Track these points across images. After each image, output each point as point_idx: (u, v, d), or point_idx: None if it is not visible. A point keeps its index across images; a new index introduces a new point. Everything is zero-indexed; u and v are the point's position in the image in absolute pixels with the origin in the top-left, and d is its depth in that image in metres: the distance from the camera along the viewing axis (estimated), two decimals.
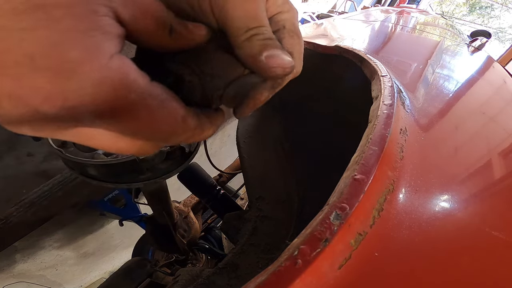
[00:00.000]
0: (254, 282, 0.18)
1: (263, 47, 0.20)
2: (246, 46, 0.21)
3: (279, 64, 0.21)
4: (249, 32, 0.20)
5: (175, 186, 1.04)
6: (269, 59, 0.20)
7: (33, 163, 1.28)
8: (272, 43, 0.21)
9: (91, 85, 0.13)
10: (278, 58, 0.21)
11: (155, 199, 0.67)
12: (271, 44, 0.21)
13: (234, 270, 0.43)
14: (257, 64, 0.21)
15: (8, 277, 1.44)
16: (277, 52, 0.21)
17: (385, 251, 0.23)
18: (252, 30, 0.21)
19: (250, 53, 0.20)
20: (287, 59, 0.21)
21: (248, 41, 0.20)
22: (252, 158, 0.65)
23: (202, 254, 1.13)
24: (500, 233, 0.28)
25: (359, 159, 0.27)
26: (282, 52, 0.21)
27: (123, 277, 0.71)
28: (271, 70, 0.21)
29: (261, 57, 0.20)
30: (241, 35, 0.21)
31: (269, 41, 0.21)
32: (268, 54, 0.20)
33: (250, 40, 0.20)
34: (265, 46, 0.21)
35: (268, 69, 0.20)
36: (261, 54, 0.20)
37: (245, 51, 0.21)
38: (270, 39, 0.21)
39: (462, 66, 0.84)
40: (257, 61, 0.20)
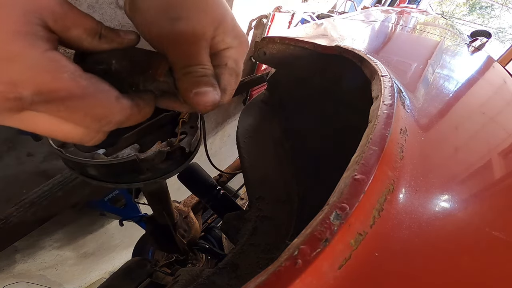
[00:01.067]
0: (254, 282, 0.18)
1: (195, 84, 0.24)
2: (181, 80, 0.25)
3: (203, 102, 0.24)
4: (186, 69, 0.25)
5: (175, 186, 1.04)
6: (197, 96, 0.24)
7: (33, 163, 1.28)
8: (204, 81, 0.25)
9: (29, 69, 0.17)
10: (205, 96, 0.24)
11: (155, 199, 0.67)
12: (203, 82, 0.25)
13: (234, 270, 0.43)
14: (186, 97, 0.25)
15: (8, 277, 1.44)
16: (206, 89, 0.24)
17: (385, 251, 0.23)
18: (189, 68, 0.25)
19: (183, 87, 0.25)
20: (212, 98, 0.25)
21: (184, 76, 0.25)
22: (252, 158, 0.65)
23: (202, 254, 1.13)
24: (500, 233, 0.28)
25: (359, 159, 0.27)
26: (211, 90, 0.25)
27: (123, 277, 0.71)
28: (196, 105, 0.25)
29: (190, 93, 0.24)
30: (179, 70, 0.25)
31: (203, 79, 0.25)
32: (197, 91, 0.24)
33: (186, 75, 0.24)
34: (197, 84, 0.24)
35: (193, 104, 0.25)
36: (191, 91, 0.24)
37: (180, 84, 0.25)
38: (205, 76, 0.25)
39: (462, 66, 0.84)
40: (186, 96, 0.25)
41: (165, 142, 0.37)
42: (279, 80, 0.80)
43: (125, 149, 0.36)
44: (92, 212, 1.62)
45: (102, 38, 0.23)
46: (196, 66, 0.25)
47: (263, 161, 0.66)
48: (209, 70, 0.25)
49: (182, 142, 0.38)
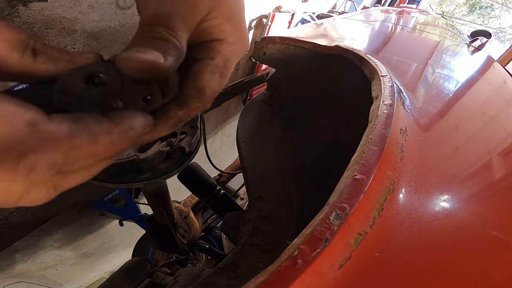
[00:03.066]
0: (254, 282, 0.18)
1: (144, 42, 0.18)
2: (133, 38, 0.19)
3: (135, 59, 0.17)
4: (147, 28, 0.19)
5: (175, 186, 1.04)
6: (135, 52, 0.18)
7: None
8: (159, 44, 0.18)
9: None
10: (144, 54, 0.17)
11: (155, 199, 0.67)
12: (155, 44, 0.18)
13: (234, 270, 0.43)
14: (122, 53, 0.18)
15: (8, 277, 1.44)
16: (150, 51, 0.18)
17: (385, 251, 0.23)
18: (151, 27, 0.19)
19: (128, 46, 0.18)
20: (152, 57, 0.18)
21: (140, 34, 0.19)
22: (252, 158, 0.65)
23: (202, 254, 1.13)
24: (500, 233, 0.28)
25: (359, 159, 0.27)
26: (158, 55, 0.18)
27: (123, 277, 0.71)
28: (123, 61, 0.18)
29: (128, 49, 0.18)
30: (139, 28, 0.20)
31: (157, 41, 0.19)
32: (139, 49, 0.18)
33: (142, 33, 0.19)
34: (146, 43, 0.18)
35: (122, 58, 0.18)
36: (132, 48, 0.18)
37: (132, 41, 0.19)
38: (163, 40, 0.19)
39: (462, 66, 0.84)
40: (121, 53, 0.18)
41: (165, 142, 0.37)
42: (279, 80, 0.80)
43: None
44: (92, 212, 1.61)
45: (39, 56, 0.17)
46: (160, 27, 0.19)
47: (263, 161, 0.66)
48: (176, 41, 0.19)
49: (182, 142, 0.38)
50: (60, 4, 0.89)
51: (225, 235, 1.07)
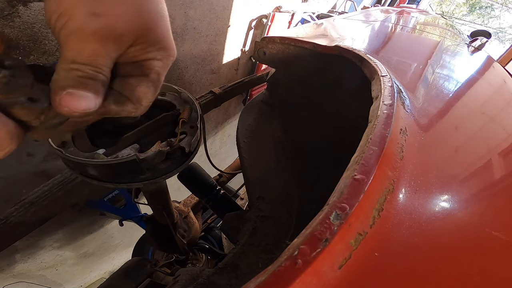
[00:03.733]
0: (254, 282, 0.18)
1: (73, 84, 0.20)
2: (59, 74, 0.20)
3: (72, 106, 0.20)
4: (73, 65, 0.20)
5: (175, 186, 1.03)
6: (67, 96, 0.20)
7: (33, 163, 1.28)
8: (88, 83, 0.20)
9: None
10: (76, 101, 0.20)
11: (155, 199, 0.67)
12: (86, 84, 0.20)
13: (234, 270, 0.43)
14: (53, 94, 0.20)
15: (8, 277, 1.44)
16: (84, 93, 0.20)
17: (385, 251, 0.23)
18: (76, 64, 0.20)
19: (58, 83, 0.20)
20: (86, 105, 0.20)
21: (66, 71, 0.20)
22: (252, 158, 0.65)
23: (202, 254, 1.13)
24: (500, 233, 0.28)
25: (359, 159, 0.27)
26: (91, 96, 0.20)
27: (123, 277, 0.71)
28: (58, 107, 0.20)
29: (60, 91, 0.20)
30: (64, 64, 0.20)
31: (87, 81, 0.20)
32: (71, 91, 0.20)
33: (69, 71, 0.20)
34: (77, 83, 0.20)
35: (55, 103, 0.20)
36: (64, 89, 0.20)
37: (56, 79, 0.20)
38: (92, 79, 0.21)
39: (462, 66, 0.84)
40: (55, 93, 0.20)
41: (165, 142, 0.37)
42: (279, 80, 0.80)
43: (125, 149, 0.36)
44: (92, 212, 1.62)
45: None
46: (86, 66, 0.20)
47: (263, 161, 0.66)
48: (103, 76, 0.21)
49: (182, 142, 0.38)
50: None
51: (225, 235, 1.07)
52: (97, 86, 0.21)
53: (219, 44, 1.99)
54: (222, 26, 1.91)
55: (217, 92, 1.02)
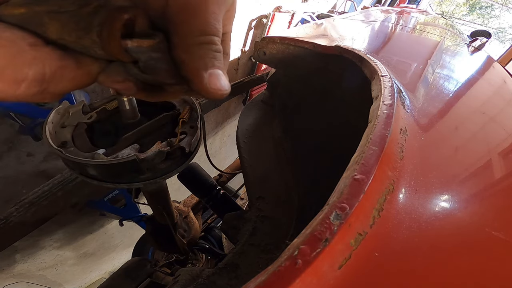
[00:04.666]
0: (254, 282, 0.18)
1: (211, 62, 0.18)
2: (194, 53, 0.18)
3: (219, 87, 0.18)
4: (203, 38, 0.18)
5: (175, 186, 1.03)
6: (213, 78, 0.18)
7: (33, 163, 1.28)
8: (220, 60, 0.19)
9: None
10: (220, 81, 0.18)
11: (155, 199, 0.67)
12: (219, 61, 0.19)
13: (234, 270, 0.43)
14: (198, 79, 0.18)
15: (8, 277, 1.44)
16: (220, 73, 0.19)
17: (385, 251, 0.23)
18: (206, 36, 0.18)
19: (195, 63, 0.18)
20: (227, 84, 0.19)
21: (198, 47, 0.18)
22: (252, 158, 0.65)
23: (202, 254, 1.13)
24: (500, 233, 0.28)
25: (359, 159, 0.27)
26: (224, 75, 0.19)
27: (123, 277, 0.71)
28: (210, 91, 0.18)
29: (205, 73, 0.18)
30: (192, 37, 0.18)
31: (218, 56, 0.19)
32: (212, 72, 0.18)
33: (201, 47, 0.18)
34: (212, 62, 0.18)
35: (207, 88, 0.18)
36: (206, 70, 0.18)
37: (191, 58, 0.18)
38: (220, 52, 0.19)
39: (462, 66, 0.84)
40: (200, 76, 0.18)
41: (165, 142, 0.37)
42: (279, 80, 0.80)
43: (125, 149, 0.36)
44: (92, 212, 1.62)
45: None
46: (214, 38, 0.18)
47: (263, 161, 0.66)
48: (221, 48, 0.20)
49: (182, 142, 0.38)
50: None
51: (225, 235, 1.07)
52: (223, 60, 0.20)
53: None
54: None
55: None
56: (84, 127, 0.38)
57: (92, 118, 0.40)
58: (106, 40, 0.16)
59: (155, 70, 0.18)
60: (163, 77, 0.19)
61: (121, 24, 0.16)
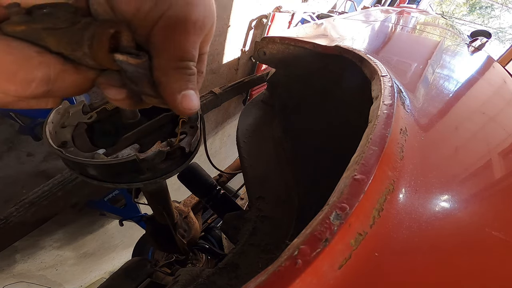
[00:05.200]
0: (254, 282, 0.18)
1: (184, 85, 0.21)
2: (171, 76, 0.21)
3: (189, 107, 0.21)
4: (179, 64, 0.21)
5: (175, 186, 1.04)
6: (185, 99, 0.21)
7: (33, 163, 1.28)
8: (193, 82, 0.21)
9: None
10: (191, 101, 0.21)
11: (155, 199, 0.67)
12: (192, 83, 0.21)
13: (234, 270, 0.43)
14: (172, 98, 0.21)
15: (8, 277, 1.44)
16: (192, 93, 0.21)
17: (385, 251, 0.23)
18: (182, 62, 0.21)
19: (171, 86, 0.21)
20: (197, 104, 0.22)
21: (175, 72, 0.21)
22: (252, 158, 0.65)
23: (202, 254, 1.13)
24: (500, 233, 0.28)
25: (359, 159, 0.27)
26: (196, 94, 0.22)
27: (123, 277, 0.71)
28: (181, 109, 0.21)
29: (178, 95, 0.21)
30: (171, 62, 0.21)
31: (192, 78, 0.21)
32: (185, 93, 0.21)
33: (177, 71, 0.21)
34: (186, 84, 0.21)
35: (179, 107, 0.21)
36: (180, 92, 0.21)
37: (168, 81, 0.21)
38: (193, 75, 0.21)
39: (462, 66, 0.84)
40: (174, 96, 0.21)
41: (165, 142, 0.37)
42: (279, 80, 0.80)
43: (125, 149, 0.36)
44: (92, 212, 1.62)
45: None
46: (190, 62, 0.21)
47: (263, 161, 0.66)
48: (195, 71, 0.22)
49: (182, 142, 0.38)
50: None
51: (225, 235, 1.07)
52: (196, 83, 0.22)
53: (219, 44, 1.99)
54: (222, 26, 1.91)
55: (217, 92, 1.02)
56: (84, 127, 0.38)
57: (92, 118, 0.40)
58: (96, 51, 0.19)
59: (139, 82, 0.21)
60: (145, 89, 0.22)
61: (108, 37, 0.19)
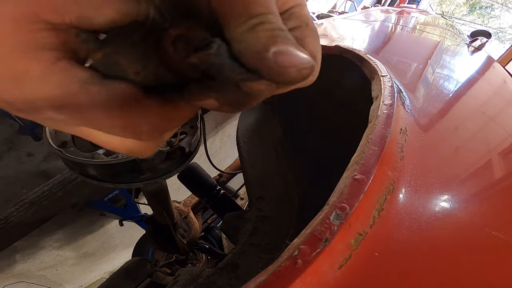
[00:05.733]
0: (254, 282, 0.18)
1: (271, 40, 0.15)
2: (247, 39, 0.15)
3: (293, 63, 0.15)
4: (252, 21, 0.15)
5: (175, 186, 1.04)
6: (280, 56, 0.15)
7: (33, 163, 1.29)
8: (283, 35, 0.16)
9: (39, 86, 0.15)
10: (292, 56, 0.15)
11: (155, 199, 0.67)
12: (281, 37, 0.16)
13: (234, 270, 0.43)
14: (262, 63, 0.15)
15: (8, 277, 1.44)
16: (289, 48, 0.15)
17: (385, 251, 0.23)
18: (255, 18, 0.15)
19: (253, 48, 0.15)
20: (304, 56, 0.15)
21: (250, 32, 0.15)
22: (252, 158, 0.65)
23: (202, 254, 1.13)
24: (500, 233, 0.28)
25: (359, 159, 0.27)
26: (296, 48, 0.16)
27: (123, 277, 0.71)
28: (282, 71, 0.15)
29: (267, 54, 0.15)
30: (241, 25, 0.16)
31: (279, 32, 0.16)
32: (277, 50, 0.15)
33: (253, 30, 0.15)
34: (273, 39, 0.15)
35: (277, 69, 0.15)
36: (268, 50, 0.15)
37: (246, 46, 0.16)
38: (281, 30, 0.16)
39: (462, 66, 0.84)
40: (263, 58, 0.15)
41: (165, 142, 0.37)
42: None
43: None
44: (92, 212, 1.61)
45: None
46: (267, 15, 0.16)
47: (263, 161, 0.66)
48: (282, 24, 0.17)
49: (182, 142, 0.38)
50: None
51: (225, 235, 1.07)
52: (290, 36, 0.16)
53: None
54: None
55: None
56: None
57: None
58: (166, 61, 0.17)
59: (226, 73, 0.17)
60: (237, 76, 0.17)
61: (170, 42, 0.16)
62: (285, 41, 0.16)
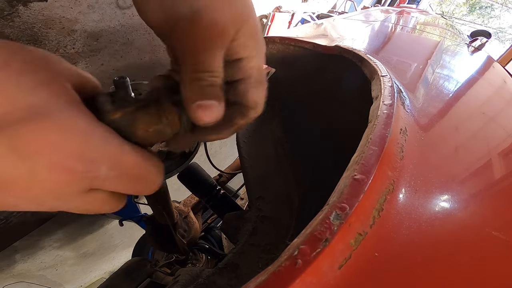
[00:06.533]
0: (254, 282, 0.18)
1: (199, 95, 0.21)
2: (187, 86, 0.21)
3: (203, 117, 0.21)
4: (194, 75, 0.21)
5: (175, 186, 1.04)
6: (199, 109, 0.21)
7: None
8: (208, 92, 0.21)
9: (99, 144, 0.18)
10: (206, 110, 0.21)
11: (155, 199, 0.67)
12: (207, 93, 0.21)
13: (234, 270, 0.43)
14: (187, 108, 0.21)
15: (8, 277, 1.44)
16: (209, 103, 0.21)
17: (385, 251, 0.23)
18: (197, 73, 0.21)
19: (187, 95, 0.21)
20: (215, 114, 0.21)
21: (190, 83, 0.21)
22: (252, 158, 0.65)
23: (202, 254, 1.13)
24: (500, 233, 0.28)
25: (359, 159, 0.27)
26: (216, 104, 0.21)
27: (123, 277, 0.71)
28: (195, 119, 0.21)
29: (192, 105, 0.21)
30: (187, 74, 0.21)
31: (208, 89, 0.21)
32: (200, 104, 0.21)
33: (192, 82, 0.21)
34: (201, 94, 0.21)
35: (192, 117, 0.21)
36: (194, 101, 0.21)
37: (185, 90, 0.21)
38: (211, 86, 0.21)
39: (462, 66, 0.84)
40: (188, 106, 0.21)
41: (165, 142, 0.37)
42: (279, 80, 0.80)
43: None
44: None
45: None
46: (204, 73, 0.21)
47: (263, 161, 0.66)
48: (218, 79, 0.22)
49: None
50: (60, 4, 0.89)
51: (225, 235, 1.07)
52: (217, 92, 0.22)
53: None
54: None
55: None
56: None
57: None
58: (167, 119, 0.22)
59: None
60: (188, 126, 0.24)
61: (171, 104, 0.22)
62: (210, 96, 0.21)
